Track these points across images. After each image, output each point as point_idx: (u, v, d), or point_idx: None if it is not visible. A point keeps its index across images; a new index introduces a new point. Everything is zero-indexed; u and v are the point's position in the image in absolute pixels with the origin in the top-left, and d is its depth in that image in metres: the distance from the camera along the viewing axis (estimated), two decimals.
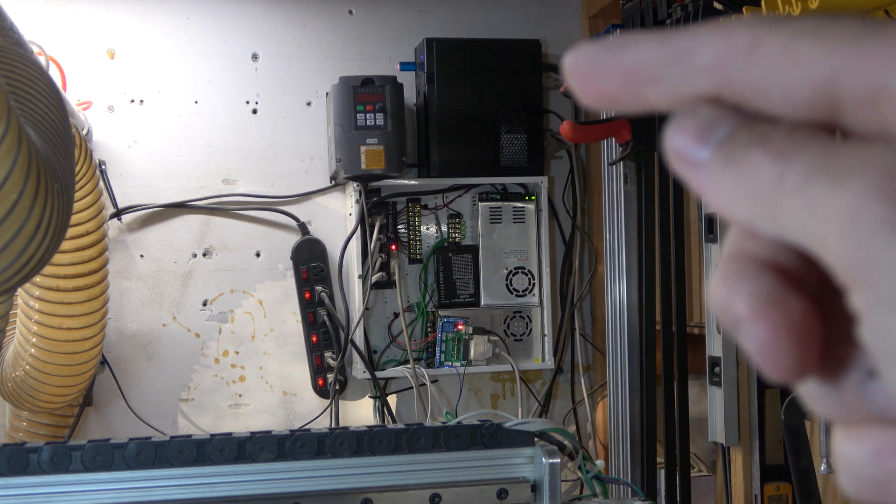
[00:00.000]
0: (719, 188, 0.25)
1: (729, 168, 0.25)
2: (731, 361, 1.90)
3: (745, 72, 0.25)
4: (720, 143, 0.25)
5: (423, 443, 1.26)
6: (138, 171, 2.42)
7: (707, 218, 1.96)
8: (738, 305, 0.25)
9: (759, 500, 1.90)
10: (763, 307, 0.25)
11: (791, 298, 0.25)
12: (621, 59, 0.26)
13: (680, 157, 0.26)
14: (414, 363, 2.40)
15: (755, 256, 0.26)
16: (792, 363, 0.24)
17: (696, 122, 0.25)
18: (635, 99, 0.27)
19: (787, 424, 1.75)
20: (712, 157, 0.25)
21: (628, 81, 0.26)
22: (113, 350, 2.39)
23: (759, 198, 0.24)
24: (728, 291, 0.25)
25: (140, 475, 1.19)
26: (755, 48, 0.24)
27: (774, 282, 0.25)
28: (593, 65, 0.27)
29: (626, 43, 0.26)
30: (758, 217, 0.24)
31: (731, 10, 1.62)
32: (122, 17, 2.42)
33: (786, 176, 0.24)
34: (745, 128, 0.25)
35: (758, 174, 0.24)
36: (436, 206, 2.49)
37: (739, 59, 0.25)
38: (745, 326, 0.25)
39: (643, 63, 0.26)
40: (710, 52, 0.25)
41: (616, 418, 2.34)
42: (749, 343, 0.25)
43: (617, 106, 0.27)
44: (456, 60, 2.41)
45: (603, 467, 1.43)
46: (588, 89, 0.27)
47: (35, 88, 1.03)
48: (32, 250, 0.92)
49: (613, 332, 2.36)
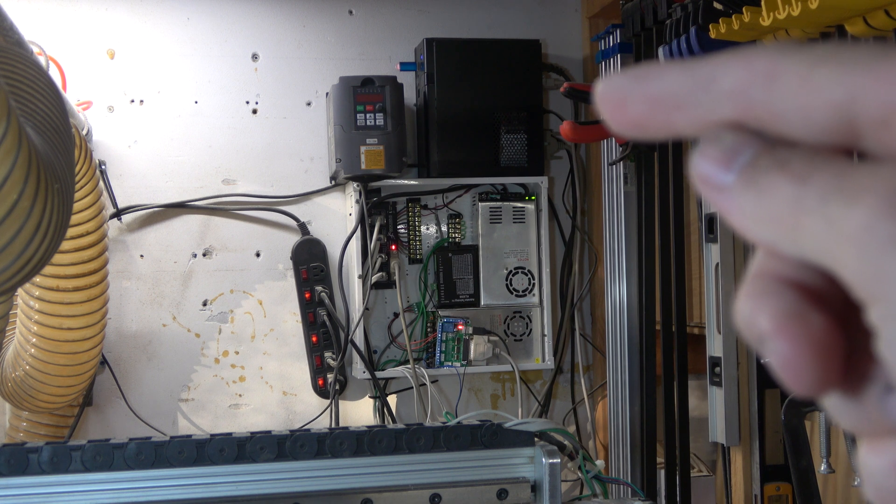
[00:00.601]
0: (743, 211, 0.26)
1: (751, 192, 0.26)
2: (732, 361, 1.90)
3: (766, 97, 0.26)
4: (743, 168, 0.26)
5: (423, 443, 1.26)
6: (138, 171, 2.42)
7: (707, 218, 1.96)
8: (762, 322, 0.26)
9: (759, 500, 1.90)
10: (785, 323, 0.25)
11: (813, 315, 0.26)
12: (648, 88, 0.28)
13: (705, 182, 0.27)
14: (414, 363, 2.40)
15: (779, 275, 0.27)
16: (814, 378, 0.25)
17: (720, 148, 0.27)
18: (663, 125, 0.28)
19: (787, 424, 1.75)
20: (736, 181, 0.26)
21: (655, 109, 0.28)
22: (113, 350, 2.39)
23: (780, 219, 0.25)
24: (752, 308, 0.26)
25: (140, 475, 1.19)
26: (775, 75, 0.26)
27: (797, 299, 0.26)
28: (622, 94, 0.28)
29: (653, 72, 0.28)
30: (780, 238, 0.26)
31: (731, 10, 1.61)
32: (122, 17, 2.42)
33: (804, 197, 0.25)
34: (767, 153, 0.26)
35: (778, 196, 0.25)
36: (436, 206, 2.49)
37: (760, 85, 0.26)
38: (769, 342, 0.26)
39: (669, 91, 0.27)
40: (732, 80, 0.26)
41: (616, 418, 2.34)
42: (773, 358, 0.26)
43: (646, 133, 0.29)
44: (456, 60, 2.41)
45: (603, 467, 1.44)
46: (618, 117, 0.29)
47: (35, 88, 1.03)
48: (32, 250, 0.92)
49: (613, 332, 2.36)
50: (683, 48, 1.77)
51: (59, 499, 1.16)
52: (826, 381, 0.25)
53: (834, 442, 1.78)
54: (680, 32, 1.80)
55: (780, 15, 1.42)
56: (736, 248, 1.92)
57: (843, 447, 1.74)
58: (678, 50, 1.79)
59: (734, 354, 1.90)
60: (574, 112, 2.60)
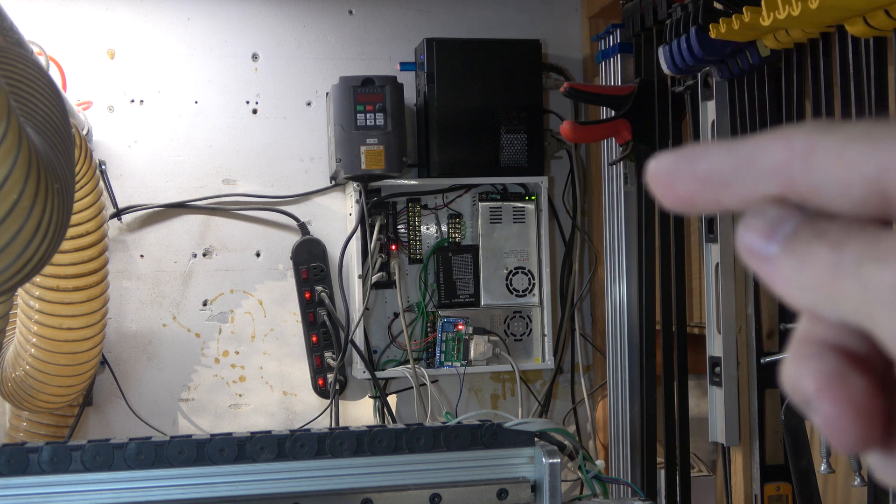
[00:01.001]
0: (786, 279, 0.28)
1: (793, 260, 0.28)
2: (732, 361, 1.90)
3: (805, 174, 0.28)
4: (786, 239, 0.28)
5: (423, 443, 1.26)
6: (138, 171, 2.42)
7: (707, 218, 1.96)
8: (806, 384, 0.28)
9: (759, 500, 1.90)
10: (828, 385, 0.27)
11: (854, 377, 0.27)
12: (696, 168, 0.30)
13: (751, 253, 0.29)
14: (414, 363, 2.40)
15: (822, 339, 0.28)
16: (855, 436, 0.27)
17: (764, 222, 0.28)
18: (710, 202, 0.30)
19: (787, 424, 1.75)
20: (779, 251, 0.28)
21: (703, 188, 0.30)
22: (113, 350, 2.39)
23: (820, 284, 0.27)
24: (797, 372, 0.28)
25: (140, 475, 1.19)
26: (812, 153, 0.27)
27: (839, 362, 0.28)
28: (672, 174, 0.30)
29: (700, 153, 0.30)
30: (820, 302, 0.27)
31: (731, 10, 1.62)
32: (122, 16, 2.42)
33: (840, 262, 0.26)
34: (808, 224, 0.28)
35: (817, 263, 0.27)
36: (436, 206, 2.50)
37: (799, 163, 0.28)
38: (813, 403, 0.27)
39: (715, 171, 0.29)
40: (773, 159, 0.28)
41: (616, 418, 2.34)
42: (817, 419, 0.27)
43: (695, 208, 0.31)
44: (456, 60, 2.41)
45: (603, 467, 1.43)
46: (668, 195, 0.31)
47: (35, 88, 1.03)
48: (32, 250, 0.92)
49: (613, 332, 2.36)
50: (683, 48, 1.77)
51: (59, 499, 1.16)
52: (867, 439, 0.27)
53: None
54: (680, 32, 1.80)
55: (780, 15, 1.42)
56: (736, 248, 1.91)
57: None
58: (678, 50, 1.79)
59: (734, 354, 1.90)
60: (574, 112, 2.60)
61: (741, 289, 1.90)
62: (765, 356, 1.88)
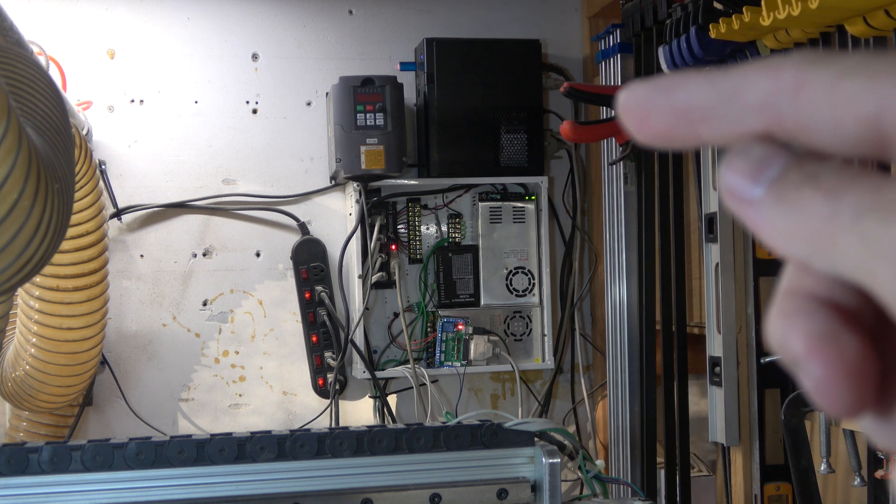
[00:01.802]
0: (773, 226, 0.26)
1: (781, 207, 0.25)
2: (731, 361, 1.90)
3: (794, 111, 0.25)
4: (772, 182, 0.26)
5: (423, 443, 1.26)
6: (138, 171, 2.42)
7: (707, 218, 1.96)
8: (794, 344, 0.26)
9: (759, 500, 1.90)
10: (818, 345, 0.25)
11: (846, 337, 0.25)
12: (673, 100, 0.27)
13: (733, 195, 0.27)
14: (414, 363, 2.40)
15: (811, 293, 0.27)
16: (847, 400, 0.25)
17: (748, 161, 0.26)
18: (688, 137, 0.28)
19: (787, 424, 1.75)
20: (765, 195, 0.26)
21: (681, 121, 0.27)
22: (113, 350, 2.39)
23: (813, 236, 0.25)
24: (784, 329, 0.26)
25: (140, 475, 1.19)
26: (802, 87, 0.25)
27: (829, 319, 0.26)
28: (647, 106, 0.28)
29: (677, 83, 0.27)
30: (812, 254, 0.25)
31: (731, 10, 1.62)
32: (122, 16, 2.42)
33: (837, 214, 0.24)
34: (796, 166, 0.25)
35: (810, 213, 0.25)
36: (436, 206, 2.50)
37: (787, 98, 0.25)
38: (802, 364, 0.25)
39: (694, 103, 0.27)
40: (759, 92, 0.26)
41: (616, 418, 2.34)
42: (806, 380, 0.25)
43: (671, 143, 0.28)
44: (456, 60, 2.41)
45: (603, 467, 1.43)
46: (642, 129, 0.28)
47: (35, 88, 1.03)
48: (32, 250, 0.92)
49: (613, 332, 2.36)
50: (683, 48, 1.77)
51: (59, 499, 1.16)
52: (859, 403, 0.25)
53: (834, 442, 1.78)
54: (680, 32, 1.80)
55: (780, 15, 1.42)
56: (736, 248, 1.92)
57: (843, 447, 1.74)
58: (678, 50, 1.79)
59: (734, 354, 1.90)
60: (574, 112, 2.60)
61: (741, 289, 1.90)
62: (765, 356, 1.88)
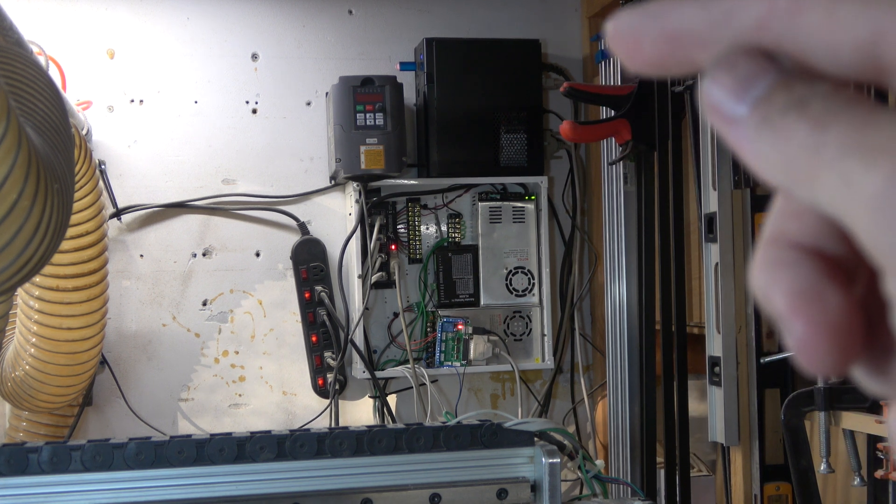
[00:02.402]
0: (756, 149, 0.25)
1: (765, 130, 0.24)
2: (731, 361, 1.90)
3: (789, 34, 0.25)
4: (757, 101, 0.25)
5: (422, 443, 1.26)
6: (138, 171, 2.42)
7: (707, 218, 1.96)
8: (777, 300, 0.25)
9: (759, 500, 1.90)
10: (801, 303, 0.24)
11: (829, 293, 0.24)
12: (665, 25, 0.26)
13: (716, 111, 0.25)
14: (414, 363, 2.40)
15: (795, 241, 0.26)
16: (830, 360, 0.24)
17: (733, 76, 0.25)
18: (682, 63, 0.27)
19: (787, 424, 1.75)
20: (749, 115, 0.25)
21: (674, 47, 0.26)
22: (113, 350, 2.39)
23: (795, 166, 0.24)
24: (767, 282, 0.25)
25: (140, 475, 1.19)
26: (798, 10, 0.24)
27: (813, 273, 0.25)
28: (638, 32, 0.27)
29: (669, 8, 0.26)
30: (794, 184, 0.24)
31: None
32: (122, 16, 2.42)
33: (821, 148, 0.23)
34: (784, 86, 0.25)
35: (794, 142, 0.24)
36: (436, 206, 2.49)
37: (782, 21, 0.25)
38: (784, 321, 0.25)
39: (687, 28, 0.26)
40: (754, 15, 0.25)
41: (616, 418, 2.34)
42: (789, 338, 0.25)
43: (664, 70, 0.27)
44: (456, 60, 2.41)
45: (603, 467, 1.43)
46: (634, 56, 0.27)
47: (35, 88, 1.03)
48: (32, 250, 0.92)
49: (613, 332, 2.36)
50: None
51: (58, 499, 1.16)
52: (844, 361, 0.24)
53: (834, 442, 1.78)
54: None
55: None
56: (736, 248, 1.92)
57: (842, 447, 1.74)
58: None
59: (734, 354, 1.90)
60: (574, 112, 2.60)
61: (741, 289, 1.90)
62: (765, 356, 1.88)
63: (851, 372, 0.26)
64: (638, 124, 2.10)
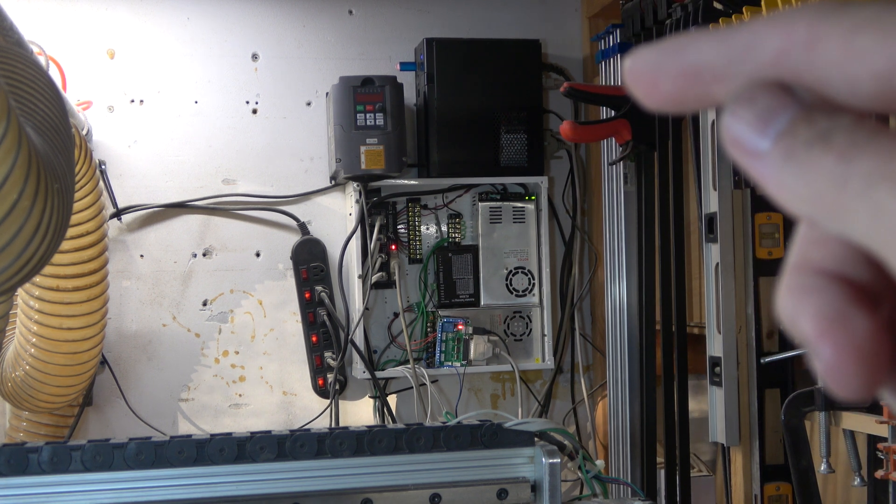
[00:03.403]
0: (781, 183, 0.25)
1: (791, 165, 0.24)
2: (731, 361, 1.90)
3: (808, 66, 0.24)
4: (780, 135, 0.25)
5: (423, 443, 1.26)
6: (138, 171, 2.42)
7: (707, 218, 1.96)
8: (805, 325, 0.25)
9: (759, 500, 1.90)
10: (829, 328, 0.24)
11: (857, 317, 0.24)
12: (682, 62, 0.26)
13: (738, 146, 0.25)
14: (414, 363, 2.40)
15: (820, 267, 0.26)
16: (858, 384, 0.24)
17: (753, 111, 0.25)
18: (701, 99, 0.27)
19: (787, 424, 1.75)
20: (772, 149, 0.25)
21: (693, 83, 0.26)
22: (113, 350, 2.39)
23: (822, 198, 0.24)
24: (794, 308, 0.25)
25: (140, 475, 1.19)
26: (816, 42, 0.24)
27: (840, 298, 0.25)
28: (656, 70, 0.27)
29: (686, 44, 0.26)
30: (821, 215, 0.24)
31: (730, 10, 1.62)
32: (122, 16, 2.42)
33: (849, 180, 0.23)
34: (806, 120, 0.24)
35: (820, 175, 0.24)
36: (436, 206, 2.49)
37: (801, 53, 0.24)
38: (812, 346, 0.25)
39: (706, 63, 0.26)
40: (772, 49, 0.25)
41: (616, 418, 2.34)
42: (817, 363, 0.25)
43: (683, 107, 0.27)
44: (456, 60, 2.41)
45: (603, 467, 1.43)
46: (652, 94, 0.27)
47: (35, 88, 1.03)
48: (32, 250, 0.92)
49: (613, 332, 2.36)
50: None
51: (59, 499, 1.16)
52: (872, 384, 0.24)
53: (834, 442, 1.78)
54: (680, 32, 1.79)
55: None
56: (736, 248, 1.92)
57: (842, 447, 1.74)
58: None
59: (734, 354, 1.90)
60: (574, 112, 2.60)
61: (741, 289, 1.90)
62: (765, 356, 1.88)
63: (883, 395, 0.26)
64: (638, 124, 2.10)
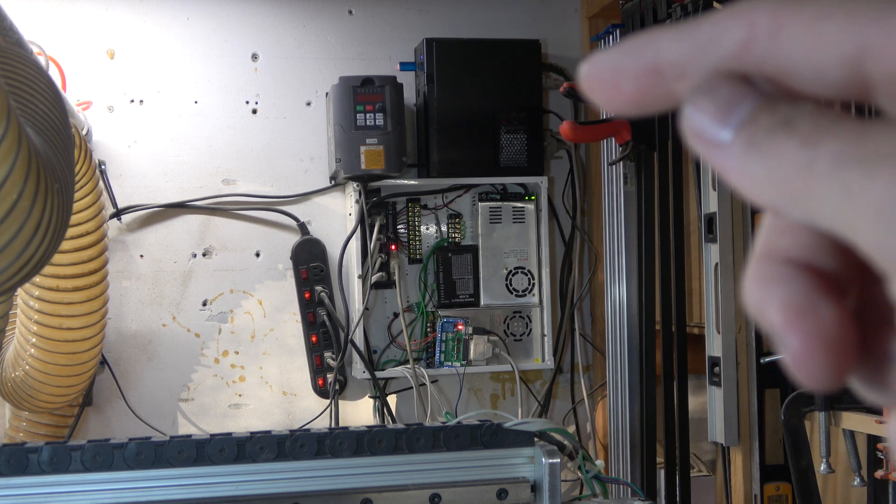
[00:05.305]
0: (745, 172, 0.24)
1: (753, 153, 0.24)
2: (731, 361, 1.90)
3: (773, 55, 0.24)
4: (742, 125, 0.24)
5: (422, 443, 1.26)
6: (138, 171, 2.42)
7: (707, 218, 1.96)
8: (772, 315, 0.25)
9: (759, 500, 1.90)
10: (795, 318, 0.24)
11: (824, 307, 0.24)
12: (643, 61, 0.26)
13: (699, 137, 0.25)
14: (414, 363, 2.40)
15: (787, 256, 0.26)
16: (826, 373, 0.24)
17: (715, 102, 0.25)
18: (662, 97, 0.26)
19: (787, 424, 1.75)
20: (734, 139, 0.24)
21: (655, 82, 0.26)
22: (113, 350, 2.39)
23: (788, 184, 0.24)
24: (761, 298, 0.25)
25: (140, 475, 1.19)
26: (780, 31, 0.24)
27: (807, 288, 0.25)
28: (615, 71, 0.26)
29: (645, 42, 0.26)
30: (787, 203, 0.24)
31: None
32: (122, 16, 2.42)
33: (815, 162, 0.23)
34: (767, 108, 0.24)
35: (785, 160, 0.23)
36: (436, 206, 2.49)
37: (765, 42, 0.24)
38: (779, 336, 0.25)
39: (668, 60, 0.25)
40: (735, 40, 0.24)
41: (616, 418, 2.34)
42: (784, 352, 0.25)
43: (645, 108, 0.26)
44: (456, 60, 2.41)
45: (603, 467, 1.43)
46: (614, 97, 0.26)
47: (35, 88, 1.03)
48: (32, 250, 0.92)
49: (613, 332, 2.36)
50: None
51: (59, 499, 1.16)
52: (839, 374, 0.24)
53: (834, 442, 1.78)
54: None
55: None
56: (735, 248, 1.92)
57: (842, 447, 1.74)
58: None
59: (734, 354, 1.90)
60: (574, 112, 2.60)
61: (741, 289, 1.90)
62: (764, 356, 1.88)
63: (848, 383, 0.26)
64: (638, 124, 2.10)
